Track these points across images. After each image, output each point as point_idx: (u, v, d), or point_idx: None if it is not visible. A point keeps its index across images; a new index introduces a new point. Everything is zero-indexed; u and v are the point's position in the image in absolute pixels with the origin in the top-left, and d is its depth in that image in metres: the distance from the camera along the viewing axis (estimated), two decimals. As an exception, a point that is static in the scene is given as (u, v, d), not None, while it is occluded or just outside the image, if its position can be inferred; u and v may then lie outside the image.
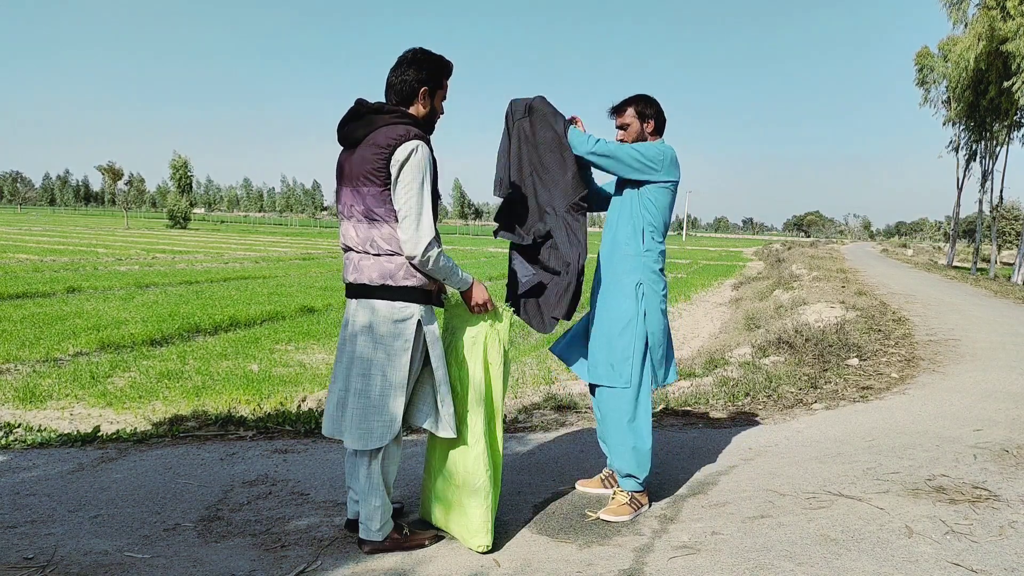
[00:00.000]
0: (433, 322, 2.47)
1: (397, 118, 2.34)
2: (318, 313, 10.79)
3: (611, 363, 2.90)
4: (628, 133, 3.01)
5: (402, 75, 2.38)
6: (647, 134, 3.02)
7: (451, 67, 2.47)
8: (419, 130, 2.36)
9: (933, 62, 27.14)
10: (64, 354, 7.16)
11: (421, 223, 2.29)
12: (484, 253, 33.22)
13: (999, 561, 2.46)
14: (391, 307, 2.36)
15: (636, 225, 2.91)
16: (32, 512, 2.77)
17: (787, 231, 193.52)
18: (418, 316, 2.38)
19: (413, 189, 2.28)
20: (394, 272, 2.34)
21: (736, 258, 40.20)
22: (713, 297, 16.85)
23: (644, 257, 2.90)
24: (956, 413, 4.68)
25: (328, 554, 2.48)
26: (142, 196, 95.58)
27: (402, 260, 2.35)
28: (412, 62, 2.38)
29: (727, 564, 2.44)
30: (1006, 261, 36.60)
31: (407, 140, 2.28)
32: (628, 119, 3.01)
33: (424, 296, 2.41)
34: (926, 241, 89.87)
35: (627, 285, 2.91)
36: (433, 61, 2.40)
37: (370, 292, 2.37)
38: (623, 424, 2.88)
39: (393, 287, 2.35)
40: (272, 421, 4.31)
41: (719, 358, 6.95)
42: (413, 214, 2.29)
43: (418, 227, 2.29)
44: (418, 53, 2.39)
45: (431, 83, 2.40)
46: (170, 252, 23.94)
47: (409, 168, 2.28)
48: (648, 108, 3.00)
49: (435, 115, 2.49)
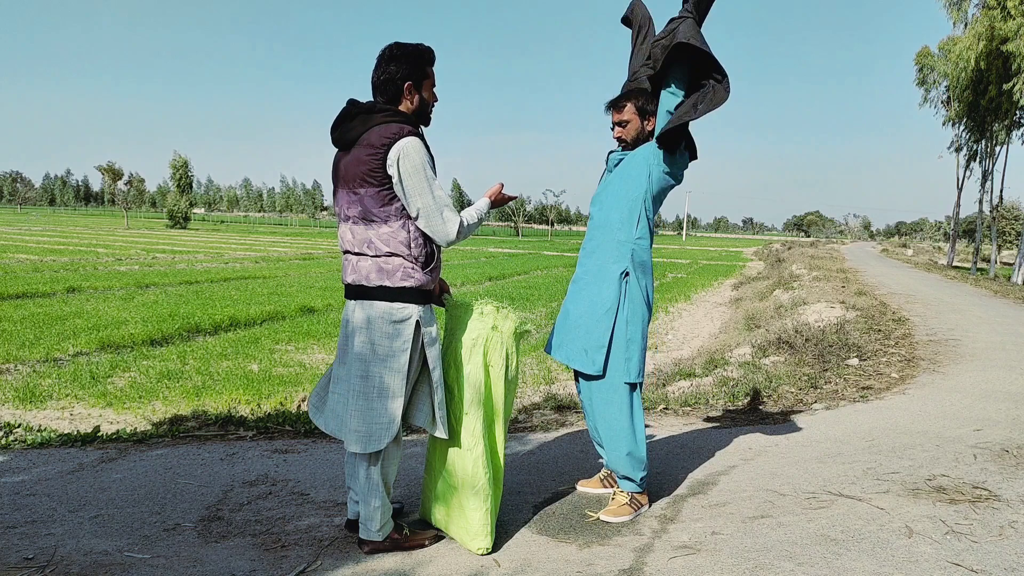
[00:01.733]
0: (432, 323, 2.47)
1: (389, 116, 2.33)
2: (318, 313, 10.78)
3: (585, 348, 2.83)
4: (627, 131, 2.88)
5: (383, 74, 2.36)
6: (647, 132, 2.88)
7: (431, 54, 2.42)
8: (411, 126, 2.36)
9: (933, 62, 27.13)
10: (64, 354, 7.16)
11: (445, 215, 2.34)
12: (484, 253, 33.22)
13: (999, 561, 2.46)
14: (389, 308, 2.36)
15: (634, 210, 2.80)
16: (32, 512, 2.77)
17: (787, 231, 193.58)
18: (416, 316, 2.38)
19: (424, 186, 2.30)
20: (392, 273, 2.34)
21: (736, 258, 40.19)
22: (713, 297, 16.84)
23: (635, 244, 2.81)
24: (956, 413, 4.68)
25: (328, 554, 2.48)
26: (142, 196, 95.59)
27: (400, 261, 2.35)
28: (390, 59, 2.35)
29: (727, 564, 2.44)
30: (1006, 261, 36.60)
31: (400, 138, 2.28)
32: (628, 115, 2.86)
33: (422, 296, 2.41)
34: (926, 241, 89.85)
35: (613, 273, 2.81)
36: (410, 54, 2.37)
37: (368, 293, 2.37)
38: (616, 428, 2.84)
39: (391, 288, 2.35)
40: (272, 421, 4.31)
41: (719, 358, 6.95)
42: (434, 210, 2.32)
43: (443, 219, 2.34)
44: (394, 49, 2.36)
45: (413, 76, 2.37)
46: (170, 252, 23.94)
47: (409, 167, 2.28)
48: (650, 104, 2.84)
49: (427, 106, 2.47)
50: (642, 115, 2.87)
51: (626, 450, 2.84)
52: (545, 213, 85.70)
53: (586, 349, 2.83)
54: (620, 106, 2.89)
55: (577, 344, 2.87)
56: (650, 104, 2.85)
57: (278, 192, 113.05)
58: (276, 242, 37.02)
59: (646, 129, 2.88)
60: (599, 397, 2.87)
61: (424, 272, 2.39)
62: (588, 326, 2.84)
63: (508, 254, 33.33)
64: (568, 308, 2.99)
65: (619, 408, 2.84)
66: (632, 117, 2.87)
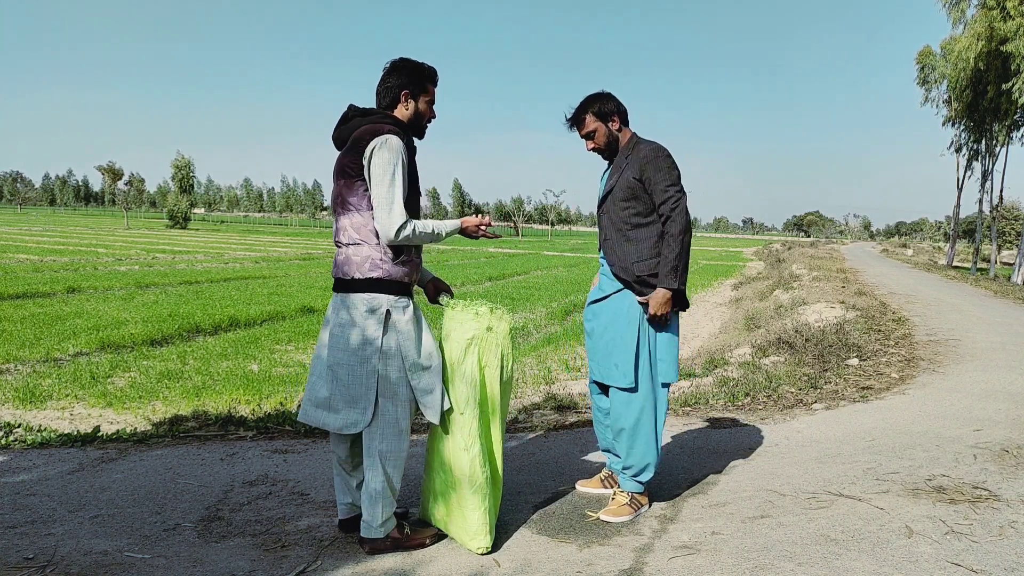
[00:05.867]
0: (406, 312, 2.49)
1: (379, 119, 2.49)
2: (318, 313, 10.79)
3: (615, 362, 2.86)
4: (598, 140, 2.88)
5: (384, 83, 2.54)
6: (615, 133, 2.88)
7: (432, 72, 2.59)
8: (397, 128, 2.47)
9: (935, 61, 27.14)
10: (64, 354, 7.16)
11: (393, 210, 2.39)
12: (484, 253, 33.22)
13: (999, 561, 2.46)
14: (360, 298, 2.44)
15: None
16: (32, 512, 2.77)
17: (787, 231, 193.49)
18: (387, 307, 2.44)
19: (384, 179, 2.38)
20: (361, 264, 2.43)
21: (736, 258, 40.20)
22: (713, 297, 16.85)
23: None
24: (956, 413, 4.68)
25: (328, 554, 2.48)
26: (142, 196, 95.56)
27: (367, 252, 2.43)
28: (392, 70, 2.53)
29: (727, 564, 2.44)
30: (1006, 261, 36.59)
31: (379, 135, 2.40)
32: (591, 126, 2.86)
33: (395, 288, 2.47)
34: (926, 241, 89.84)
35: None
36: (413, 67, 2.54)
37: (344, 285, 2.48)
38: (639, 432, 2.84)
39: (360, 279, 2.44)
40: (272, 421, 4.31)
41: (719, 358, 6.95)
42: (384, 201, 2.39)
43: (390, 213, 2.39)
44: (398, 62, 2.54)
45: (412, 86, 2.53)
46: (170, 252, 23.94)
47: (378, 159, 2.38)
48: (606, 105, 2.84)
49: (421, 118, 2.60)
50: (605, 119, 2.86)
51: (651, 451, 2.85)
52: (545, 213, 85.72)
53: (616, 363, 2.85)
54: (580, 120, 2.90)
55: (606, 357, 2.89)
56: (606, 104, 2.85)
57: (278, 192, 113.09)
58: (276, 242, 37.03)
59: (613, 131, 2.88)
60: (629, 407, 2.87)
61: (394, 264, 2.45)
62: (615, 338, 2.86)
63: (508, 254, 33.33)
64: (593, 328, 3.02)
65: (643, 410, 2.85)
66: (596, 126, 2.87)
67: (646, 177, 2.78)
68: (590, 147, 2.93)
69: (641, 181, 2.79)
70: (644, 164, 2.79)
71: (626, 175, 2.82)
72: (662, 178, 2.77)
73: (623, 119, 2.89)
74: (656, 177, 2.77)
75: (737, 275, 23.64)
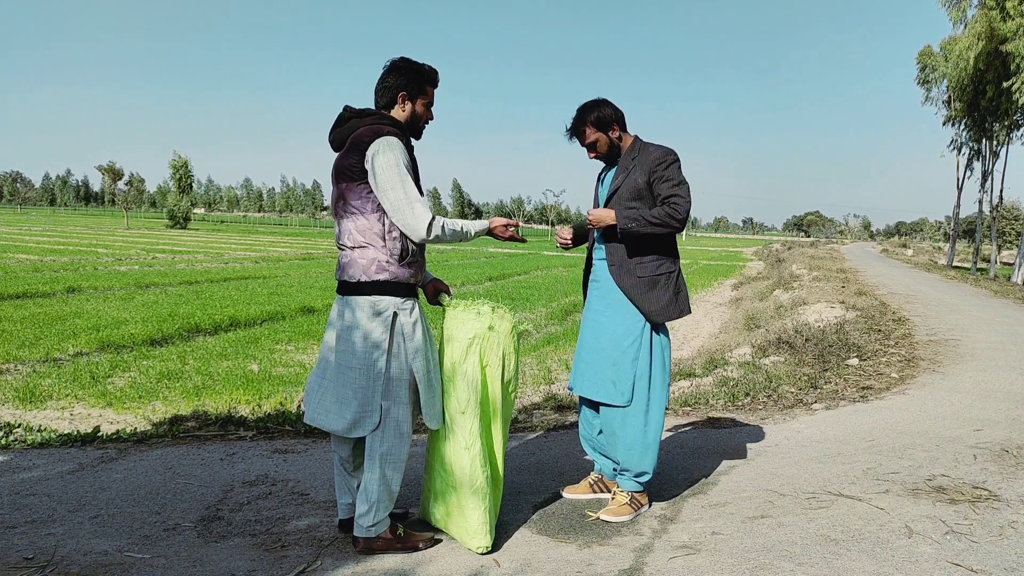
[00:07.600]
0: (411, 315, 2.48)
1: (376, 119, 2.48)
2: (318, 313, 10.79)
3: (613, 380, 2.83)
4: (600, 148, 2.89)
5: (383, 83, 2.52)
6: (616, 141, 2.90)
7: (432, 74, 2.57)
8: (394, 128, 2.46)
9: (935, 61, 27.11)
10: (64, 354, 7.16)
11: (415, 209, 2.38)
12: (484, 253, 33.23)
13: (999, 561, 2.46)
14: (366, 301, 2.43)
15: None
16: (32, 512, 2.77)
17: (787, 231, 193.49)
18: (393, 309, 2.44)
19: (395, 181, 2.37)
20: (367, 267, 2.42)
21: (736, 258, 40.21)
22: (713, 297, 16.86)
23: None
24: (956, 413, 4.68)
25: (328, 554, 2.48)
26: (142, 196, 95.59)
27: (374, 253, 2.42)
28: (392, 70, 2.52)
29: (727, 564, 2.44)
30: (1006, 261, 36.57)
31: (379, 136, 2.39)
32: (591, 137, 2.87)
33: (401, 290, 2.46)
34: (926, 241, 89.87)
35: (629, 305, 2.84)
36: (412, 68, 2.52)
37: (349, 288, 2.46)
38: (637, 443, 2.84)
39: (366, 282, 2.42)
40: (272, 421, 4.31)
41: (719, 358, 6.94)
42: (404, 203, 2.37)
43: (413, 213, 2.38)
44: (398, 62, 2.53)
45: (410, 88, 2.52)
46: (170, 252, 23.95)
47: (382, 161, 2.36)
48: (603, 112, 2.85)
49: (418, 119, 2.59)
50: (605, 128, 2.86)
51: (649, 456, 2.85)
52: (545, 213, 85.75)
53: (614, 381, 2.83)
54: (580, 132, 2.91)
55: (603, 375, 2.87)
56: (603, 112, 2.85)
57: (278, 192, 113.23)
58: (276, 242, 37.03)
59: (613, 138, 2.89)
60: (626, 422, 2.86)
61: (400, 266, 2.44)
62: (614, 355, 2.84)
63: (508, 254, 33.33)
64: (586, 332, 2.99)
65: (641, 425, 2.85)
66: (596, 136, 2.87)
67: (655, 176, 2.79)
68: (592, 156, 2.96)
69: (649, 184, 2.80)
70: (655, 166, 2.79)
71: (633, 176, 2.82)
72: (671, 174, 2.79)
73: (622, 125, 2.90)
74: (666, 174, 2.78)
75: (737, 275, 23.65)
